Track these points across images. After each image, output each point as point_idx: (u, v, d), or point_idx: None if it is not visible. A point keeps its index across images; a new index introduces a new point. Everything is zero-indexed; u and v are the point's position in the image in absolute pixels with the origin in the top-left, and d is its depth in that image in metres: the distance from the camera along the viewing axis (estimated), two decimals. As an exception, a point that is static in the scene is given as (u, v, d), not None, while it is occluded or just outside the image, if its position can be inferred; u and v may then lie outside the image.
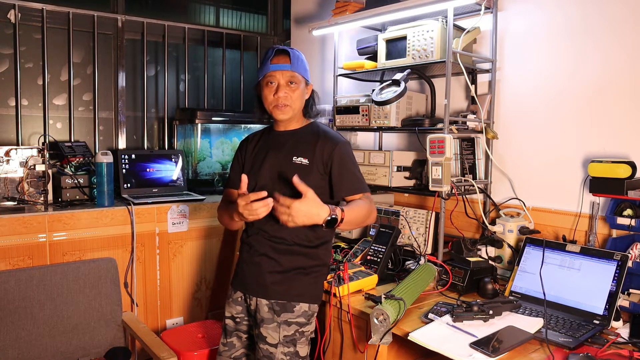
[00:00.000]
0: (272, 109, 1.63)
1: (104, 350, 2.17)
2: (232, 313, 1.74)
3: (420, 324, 1.50)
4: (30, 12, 2.82)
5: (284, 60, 1.60)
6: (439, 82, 2.27)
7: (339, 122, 2.40)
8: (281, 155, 1.66)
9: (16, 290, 2.01)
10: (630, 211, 1.68)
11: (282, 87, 1.60)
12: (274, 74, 1.59)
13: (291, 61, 1.60)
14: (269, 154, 1.68)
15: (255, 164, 1.69)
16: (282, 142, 1.68)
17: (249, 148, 1.75)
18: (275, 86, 1.60)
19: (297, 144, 1.67)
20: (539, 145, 2.03)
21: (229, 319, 1.75)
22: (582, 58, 1.89)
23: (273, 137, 1.72)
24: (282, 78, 1.60)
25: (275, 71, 1.59)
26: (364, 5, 2.33)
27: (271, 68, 1.59)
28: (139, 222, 2.53)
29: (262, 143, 1.73)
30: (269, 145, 1.70)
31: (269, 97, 1.61)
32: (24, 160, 2.35)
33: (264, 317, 1.62)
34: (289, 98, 1.61)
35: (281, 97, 1.59)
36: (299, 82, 1.63)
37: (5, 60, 2.80)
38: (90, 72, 3.06)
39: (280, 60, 1.60)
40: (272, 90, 1.60)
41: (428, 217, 2.18)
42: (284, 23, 3.77)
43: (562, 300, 1.60)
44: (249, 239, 1.70)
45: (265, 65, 1.60)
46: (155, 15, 3.27)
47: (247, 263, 1.69)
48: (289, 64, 1.60)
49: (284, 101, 1.60)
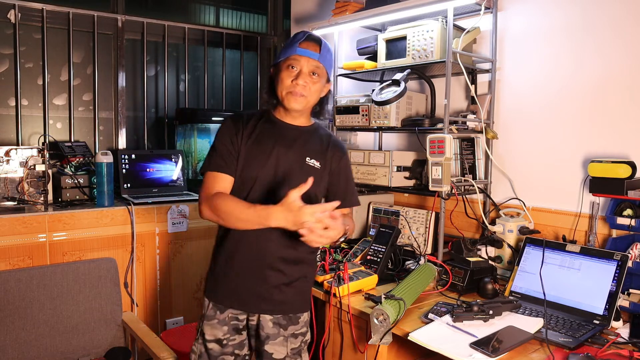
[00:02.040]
0: (286, 95, 1.46)
1: (104, 350, 2.17)
2: (217, 336, 1.50)
3: (420, 324, 1.50)
4: (30, 12, 2.82)
5: (314, 47, 1.45)
6: (439, 82, 2.27)
7: (339, 122, 2.40)
8: (292, 153, 1.49)
9: (16, 290, 2.01)
10: (630, 211, 1.68)
11: (303, 74, 1.44)
12: (299, 59, 1.44)
13: (321, 51, 1.46)
14: (277, 147, 1.48)
15: (257, 155, 1.47)
16: (293, 138, 1.52)
17: (245, 133, 1.49)
18: (296, 72, 1.45)
19: (308, 144, 1.53)
20: (539, 145, 2.03)
21: (213, 342, 1.50)
22: (582, 58, 1.89)
23: (280, 128, 1.52)
24: (307, 65, 1.44)
25: (301, 56, 1.44)
26: (364, 5, 2.33)
27: (298, 52, 1.44)
28: (139, 222, 2.53)
29: (265, 132, 1.51)
30: (275, 136, 1.50)
31: (286, 81, 1.45)
32: (24, 160, 2.35)
33: (269, 333, 1.51)
34: (307, 88, 1.45)
35: (300, 84, 1.44)
36: (322, 76, 1.49)
37: (5, 60, 2.80)
38: (90, 72, 3.06)
39: (309, 47, 1.45)
40: (292, 75, 1.44)
41: (428, 217, 2.18)
42: (284, 23, 3.77)
43: (562, 300, 1.60)
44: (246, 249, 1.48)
45: (292, 47, 1.45)
46: (155, 15, 3.27)
47: (245, 276, 1.49)
48: (318, 53, 1.45)
49: (301, 90, 1.44)
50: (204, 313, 1.55)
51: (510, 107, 2.12)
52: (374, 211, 2.43)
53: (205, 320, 1.53)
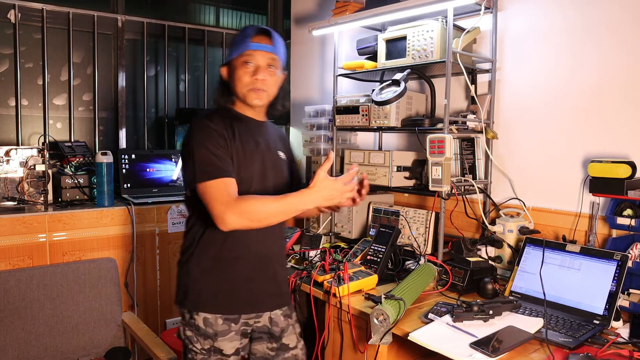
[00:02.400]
0: (247, 92, 1.44)
1: (104, 350, 2.17)
2: (236, 347, 1.48)
3: (420, 324, 1.50)
4: (30, 12, 2.82)
5: (266, 40, 1.44)
6: (439, 82, 2.27)
7: (339, 122, 2.40)
8: (270, 147, 1.54)
9: (16, 290, 2.01)
10: (630, 211, 1.68)
11: (261, 69, 1.43)
12: (254, 54, 1.42)
13: (273, 43, 1.45)
14: (260, 144, 1.50)
15: (247, 154, 1.46)
16: (265, 133, 1.55)
17: (229, 134, 1.44)
18: (253, 67, 1.43)
19: (273, 138, 1.59)
20: (539, 145, 2.03)
21: (233, 355, 1.48)
22: (581, 58, 1.89)
23: (252, 125, 1.52)
24: (263, 59, 1.43)
25: (255, 50, 1.42)
26: (364, 5, 2.33)
27: (252, 47, 1.42)
28: (139, 222, 2.53)
29: (243, 130, 1.48)
30: (253, 133, 1.51)
31: (244, 78, 1.43)
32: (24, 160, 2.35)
33: (282, 327, 1.56)
34: (267, 82, 1.45)
35: (260, 80, 1.43)
36: (278, 67, 1.48)
37: (5, 60, 2.80)
38: (90, 72, 3.06)
39: (262, 40, 1.43)
40: (249, 72, 1.43)
41: (428, 217, 2.18)
42: (284, 23, 3.77)
43: (562, 300, 1.60)
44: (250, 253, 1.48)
45: (244, 42, 1.42)
46: (155, 15, 3.27)
47: (259, 278, 1.50)
48: (272, 45, 1.44)
49: (261, 85, 1.44)
50: (214, 331, 1.45)
51: (510, 107, 2.12)
52: (374, 211, 2.43)
53: (220, 337, 1.45)
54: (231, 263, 1.47)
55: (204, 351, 1.46)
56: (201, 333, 1.45)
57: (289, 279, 1.85)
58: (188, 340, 1.48)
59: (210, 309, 1.45)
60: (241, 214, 1.30)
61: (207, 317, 1.45)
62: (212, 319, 1.45)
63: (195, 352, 1.47)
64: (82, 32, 3.01)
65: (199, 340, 1.46)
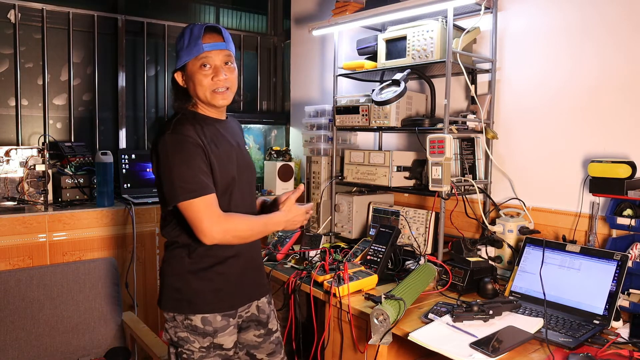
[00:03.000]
0: (211, 95, 1.42)
1: (104, 350, 2.17)
2: (234, 340, 1.53)
3: (420, 324, 1.50)
4: (30, 12, 2.82)
5: (217, 38, 1.41)
6: (439, 82, 2.27)
7: (339, 122, 2.40)
8: (240, 144, 1.57)
9: (16, 290, 2.01)
10: (630, 211, 1.68)
11: (219, 68, 1.41)
12: (209, 55, 1.39)
13: (224, 38, 1.42)
14: (232, 145, 1.51)
15: (224, 157, 1.46)
16: (232, 131, 1.57)
17: (205, 143, 1.41)
18: (211, 69, 1.41)
19: (237, 132, 1.62)
20: (539, 145, 2.03)
21: (232, 348, 1.52)
22: (581, 58, 1.89)
23: (219, 127, 1.51)
24: (219, 58, 1.41)
25: (209, 51, 1.39)
26: (364, 5, 2.33)
27: (205, 48, 1.38)
28: (139, 222, 2.53)
29: (214, 134, 1.46)
30: (223, 135, 1.50)
31: (204, 82, 1.40)
32: (24, 160, 2.35)
33: (268, 313, 1.65)
34: (229, 80, 1.43)
35: (222, 80, 1.41)
36: (234, 62, 1.47)
37: (5, 60, 2.80)
38: (90, 72, 3.06)
39: (213, 39, 1.40)
40: (209, 74, 1.40)
41: (428, 217, 2.18)
42: (284, 23, 3.77)
43: (562, 300, 1.60)
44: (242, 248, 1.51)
45: (196, 45, 1.38)
46: (155, 15, 3.27)
47: (249, 271, 1.56)
48: (224, 41, 1.42)
49: (224, 84, 1.42)
50: (214, 328, 1.45)
51: (510, 107, 2.12)
52: (374, 211, 2.43)
53: (220, 333, 1.46)
54: (225, 262, 1.48)
55: (202, 349, 1.45)
56: (199, 332, 1.44)
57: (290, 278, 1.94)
58: (182, 341, 1.46)
59: (210, 309, 1.45)
60: (227, 231, 1.36)
61: (206, 316, 1.45)
62: (210, 317, 1.45)
63: (192, 351, 1.45)
64: (82, 32, 3.01)
65: (197, 339, 1.45)
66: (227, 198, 1.46)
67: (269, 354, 1.66)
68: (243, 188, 1.53)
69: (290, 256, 2.23)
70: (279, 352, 1.70)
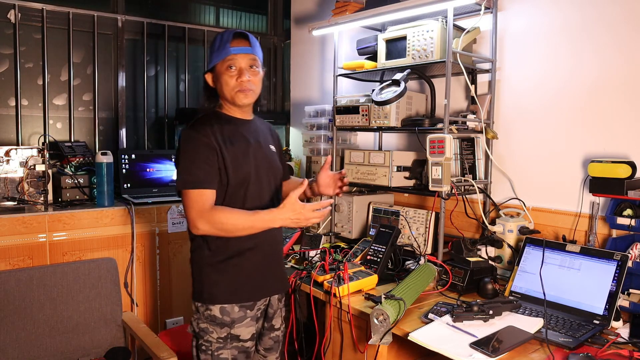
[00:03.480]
0: (235, 94, 1.54)
1: (104, 350, 2.17)
2: (252, 332, 1.60)
3: (420, 324, 1.50)
4: (30, 12, 2.82)
5: (245, 43, 1.54)
6: (439, 82, 2.27)
7: (339, 122, 2.40)
8: (260, 144, 1.63)
9: (16, 290, 2.01)
10: (630, 211, 1.68)
11: (244, 70, 1.52)
12: (235, 57, 1.51)
13: (251, 44, 1.54)
14: (251, 143, 1.59)
15: (239, 155, 1.55)
16: (255, 130, 1.65)
17: (218, 140, 1.52)
18: (236, 70, 1.52)
19: (263, 133, 1.68)
20: (539, 145, 2.03)
21: (249, 340, 1.60)
22: (581, 58, 1.89)
23: (241, 126, 1.61)
24: (245, 61, 1.53)
25: (236, 54, 1.51)
26: (364, 5, 2.33)
27: (232, 51, 1.51)
28: (139, 222, 2.53)
29: (233, 132, 1.57)
30: (243, 134, 1.59)
31: (230, 82, 1.53)
32: (24, 160, 2.35)
33: (275, 309, 1.71)
34: (252, 82, 1.55)
35: (245, 81, 1.52)
36: (259, 67, 1.58)
37: (5, 60, 2.80)
38: (90, 72, 3.06)
39: (241, 43, 1.53)
40: (234, 75, 1.52)
41: (428, 217, 2.18)
42: (284, 23, 3.77)
43: (562, 300, 1.60)
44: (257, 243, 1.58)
45: (224, 48, 1.51)
46: (155, 15, 3.27)
47: (269, 266, 1.63)
48: (250, 46, 1.54)
49: (248, 85, 1.53)
50: (231, 319, 1.54)
51: (510, 107, 2.12)
52: (374, 211, 2.43)
53: (237, 324, 1.55)
54: (243, 254, 1.56)
55: (220, 340, 1.54)
56: (217, 322, 1.54)
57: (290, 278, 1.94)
58: (203, 332, 1.55)
59: (227, 299, 1.54)
60: (212, 223, 1.45)
61: (224, 306, 1.54)
62: (228, 308, 1.54)
63: (210, 342, 1.54)
64: (82, 32, 3.01)
65: (215, 330, 1.54)
66: (243, 192, 1.55)
67: (266, 349, 1.74)
68: (261, 184, 1.59)
69: (290, 256, 2.23)
70: (275, 350, 1.75)
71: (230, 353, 1.56)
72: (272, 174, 1.65)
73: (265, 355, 1.77)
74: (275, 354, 1.77)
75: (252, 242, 1.56)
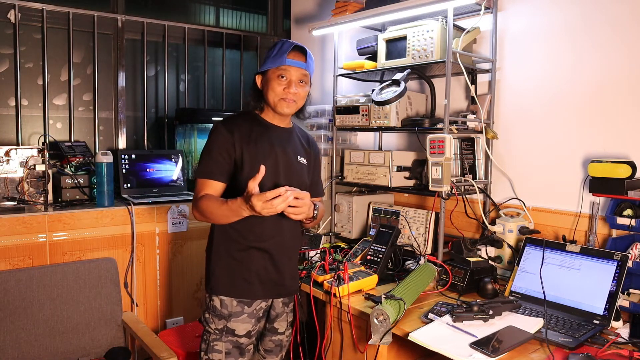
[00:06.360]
0: (278, 101, 1.60)
1: (104, 350, 2.17)
2: (247, 329, 1.64)
3: (420, 324, 1.50)
4: (30, 12, 2.82)
5: (301, 57, 1.60)
6: (439, 82, 2.27)
7: (339, 122, 2.40)
8: (288, 152, 1.66)
9: (16, 290, 2.01)
10: (630, 211, 1.68)
11: (293, 83, 1.59)
12: (289, 69, 1.58)
13: (307, 60, 1.61)
14: (276, 149, 1.63)
15: (260, 156, 1.59)
16: (285, 139, 1.68)
17: (242, 138, 1.59)
18: (286, 81, 1.59)
19: (295, 144, 1.72)
20: (539, 145, 2.03)
21: (244, 337, 1.63)
22: (581, 58, 1.89)
23: (272, 131, 1.66)
24: (296, 75, 1.59)
25: (290, 66, 1.58)
26: (364, 5, 2.33)
27: (287, 62, 1.57)
28: (139, 222, 2.53)
29: (261, 134, 1.63)
30: (271, 138, 1.64)
31: (277, 89, 1.59)
32: (24, 160, 2.35)
33: (278, 312, 1.74)
34: (298, 95, 1.61)
35: (292, 92, 1.59)
36: (308, 83, 1.65)
37: (5, 60, 2.80)
38: (90, 72, 3.06)
39: (297, 57, 1.59)
40: (283, 84, 1.59)
41: (428, 217, 2.18)
42: (284, 23, 3.77)
43: (562, 300, 1.60)
44: (265, 245, 1.62)
45: (281, 57, 1.58)
46: (155, 15, 3.27)
47: (270, 270, 1.64)
48: (305, 62, 1.60)
49: (293, 97, 1.60)
50: (229, 312, 1.61)
51: (510, 107, 2.12)
52: (374, 211, 2.43)
53: (233, 318, 1.61)
54: (250, 253, 1.61)
55: (217, 331, 1.62)
56: (217, 314, 1.61)
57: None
58: (205, 322, 1.65)
59: (226, 292, 1.61)
60: (199, 211, 1.56)
61: (224, 299, 1.61)
62: (227, 301, 1.61)
63: (209, 332, 1.63)
64: (82, 32, 3.01)
65: (214, 321, 1.62)
66: None
67: (266, 350, 1.78)
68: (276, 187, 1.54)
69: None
70: (276, 353, 1.77)
71: (224, 346, 1.62)
72: (294, 183, 1.61)
73: (264, 357, 1.78)
74: (275, 357, 1.78)
75: (260, 243, 1.61)
